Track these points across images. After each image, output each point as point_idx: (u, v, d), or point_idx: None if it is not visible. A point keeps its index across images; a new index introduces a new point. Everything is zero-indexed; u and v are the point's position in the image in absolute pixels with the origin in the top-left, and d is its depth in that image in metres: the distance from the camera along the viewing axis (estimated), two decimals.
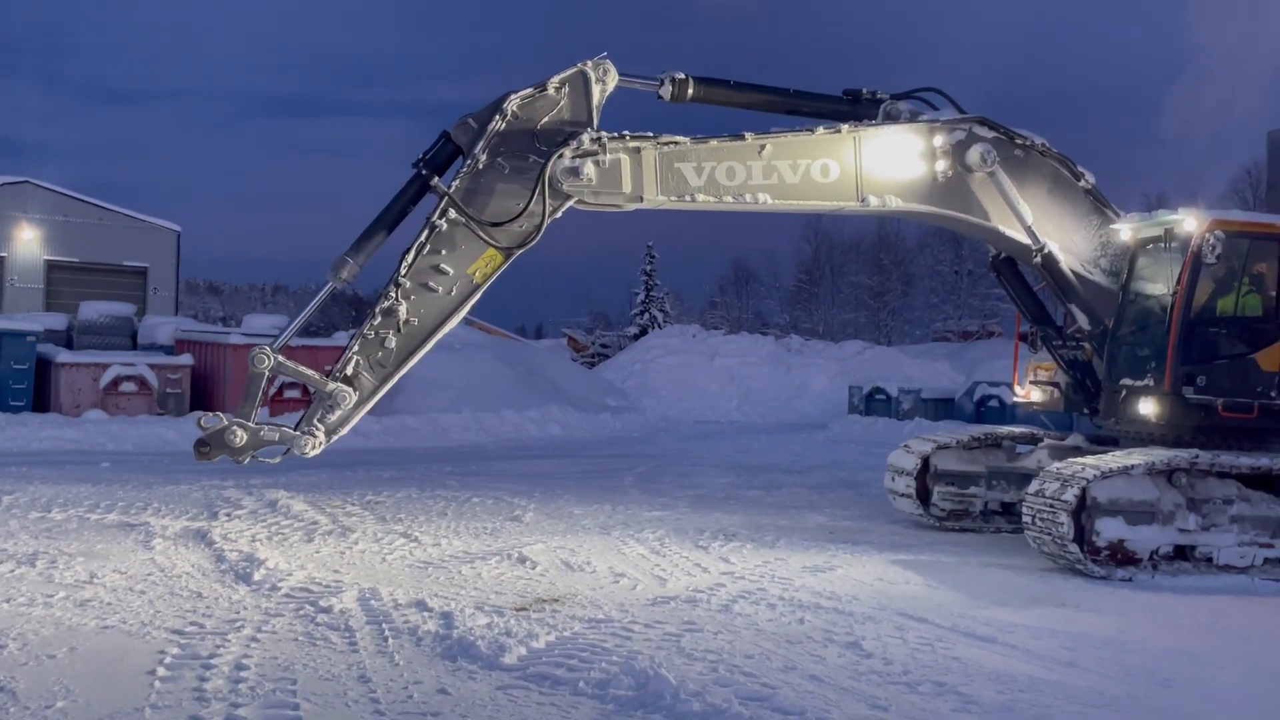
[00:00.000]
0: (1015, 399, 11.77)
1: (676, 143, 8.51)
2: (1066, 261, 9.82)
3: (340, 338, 33.53)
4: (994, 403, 23.27)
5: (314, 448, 7.84)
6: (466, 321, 38.80)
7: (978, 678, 5.74)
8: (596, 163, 8.21)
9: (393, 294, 7.88)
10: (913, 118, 9.60)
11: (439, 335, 8.07)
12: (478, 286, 8.06)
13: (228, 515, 10.31)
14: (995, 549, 10.09)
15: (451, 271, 8.00)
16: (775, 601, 7.34)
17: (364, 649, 5.97)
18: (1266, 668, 6.21)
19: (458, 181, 8.03)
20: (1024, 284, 10.77)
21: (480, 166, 8.04)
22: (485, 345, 26.75)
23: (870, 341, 40.24)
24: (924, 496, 11.23)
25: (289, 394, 20.41)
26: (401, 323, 7.90)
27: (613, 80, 8.43)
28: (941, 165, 9.27)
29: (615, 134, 8.37)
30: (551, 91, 8.17)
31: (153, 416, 18.66)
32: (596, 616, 6.79)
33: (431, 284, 7.99)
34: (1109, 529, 8.79)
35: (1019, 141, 9.64)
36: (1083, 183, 9.88)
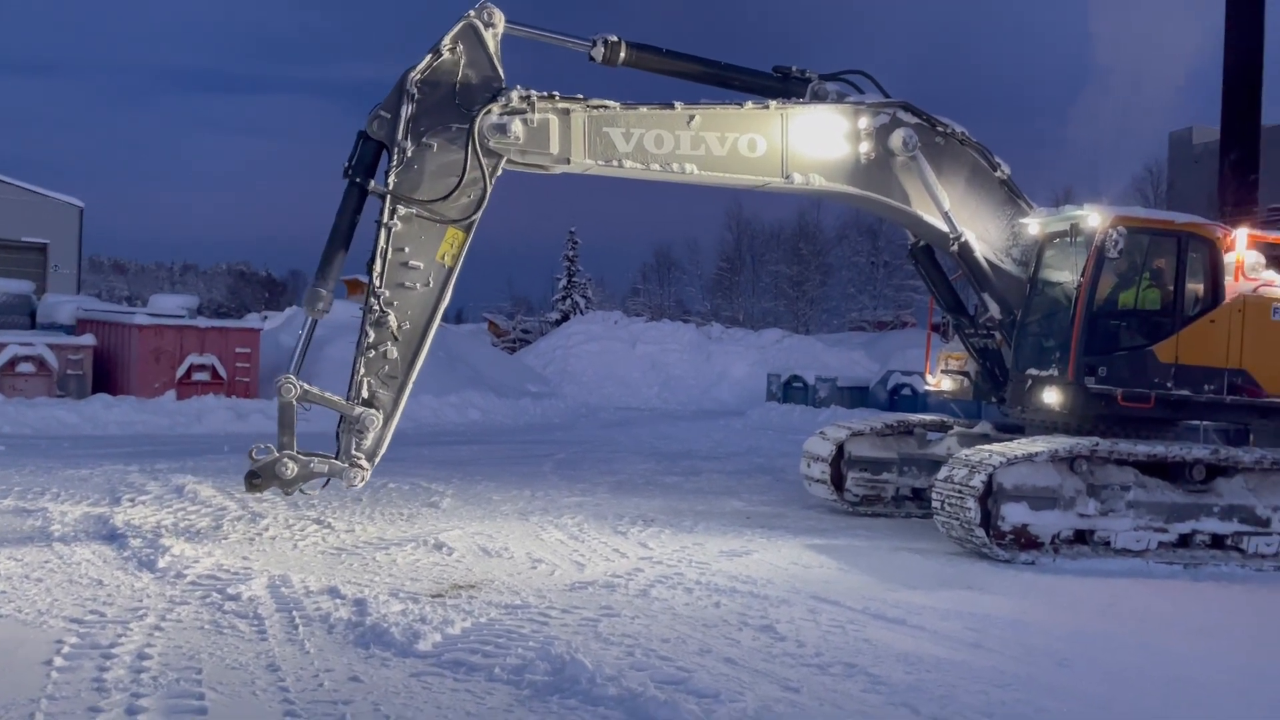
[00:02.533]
0: (927, 388, 12.05)
1: (606, 106, 8.57)
2: (981, 251, 10.07)
3: (253, 319, 32.76)
4: (907, 391, 23.80)
5: (361, 479, 8.12)
6: None
7: (887, 659, 5.87)
8: (525, 121, 8.24)
9: (376, 306, 7.95)
10: (839, 99, 9.76)
11: (434, 328, 8.20)
12: (451, 269, 8.16)
13: (131, 501, 9.98)
14: (906, 533, 10.33)
15: (422, 264, 8.06)
16: (692, 586, 7.39)
17: (273, 637, 5.84)
18: (1161, 648, 6.47)
19: (392, 176, 8.01)
20: (940, 272, 11.02)
21: (409, 154, 8.02)
22: None
23: (789, 330, 40.80)
24: (838, 482, 11.44)
25: (196, 377, 19.85)
26: (395, 331, 8.01)
27: (500, 21, 8.40)
28: (865, 147, 9.45)
29: (544, 93, 8.39)
30: (447, 54, 8.14)
31: (52, 399, 17.95)
32: (513, 602, 6.76)
33: (408, 283, 8.05)
34: (1013, 514, 9.07)
35: (940, 129, 9.86)
36: (999, 173, 10.14)
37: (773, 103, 9.18)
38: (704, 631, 6.26)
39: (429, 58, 8.13)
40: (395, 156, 8.01)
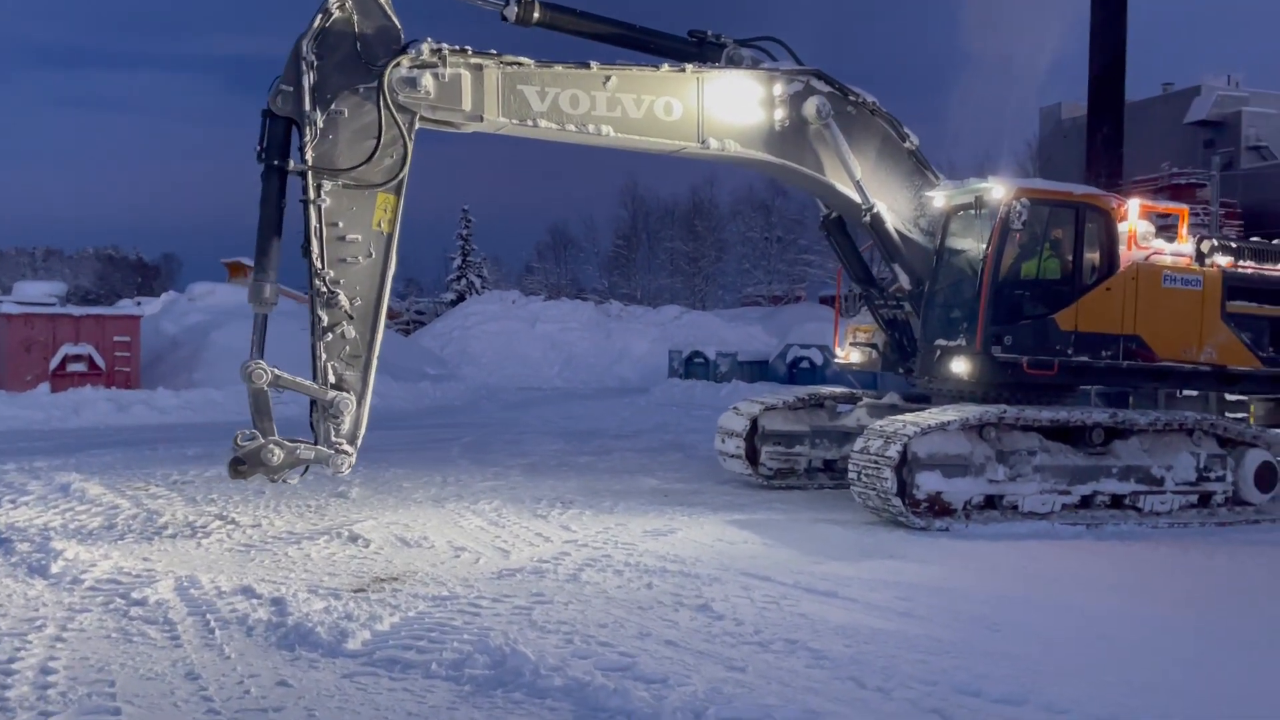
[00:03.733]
0: (836, 360, 12.19)
1: (520, 64, 8.38)
2: (892, 221, 10.19)
3: (125, 305, 31.15)
4: (806, 364, 24.20)
5: (348, 465, 7.89)
6: None
7: (825, 633, 5.88)
8: (436, 75, 8.03)
9: (323, 288, 7.66)
10: (754, 65, 9.73)
11: (386, 298, 7.98)
12: (390, 234, 7.94)
13: (12, 502, 9.33)
14: (821, 505, 10.44)
15: (360, 236, 7.81)
16: (621, 568, 7.29)
17: (188, 643, 5.49)
18: (1076, 608, 6.67)
19: (309, 150, 7.68)
20: (852, 244, 11.12)
21: (320, 124, 7.72)
22: (293, 313, 25.39)
23: (686, 306, 41.00)
24: (752, 457, 11.50)
25: (72, 368, 18.77)
26: (348, 309, 7.75)
27: None
28: (780, 114, 9.46)
29: (456, 47, 8.13)
30: (337, 11, 7.83)
31: None
32: (440, 594, 6.53)
33: (349, 257, 7.79)
34: (928, 482, 9.25)
35: (852, 98, 9.92)
36: (908, 144, 10.27)
37: (689, 66, 9.10)
38: (640, 614, 6.16)
39: (318, 18, 7.77)
40: (307, 130, 7.66)
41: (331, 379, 7.83)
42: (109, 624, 5.78)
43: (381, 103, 7.79)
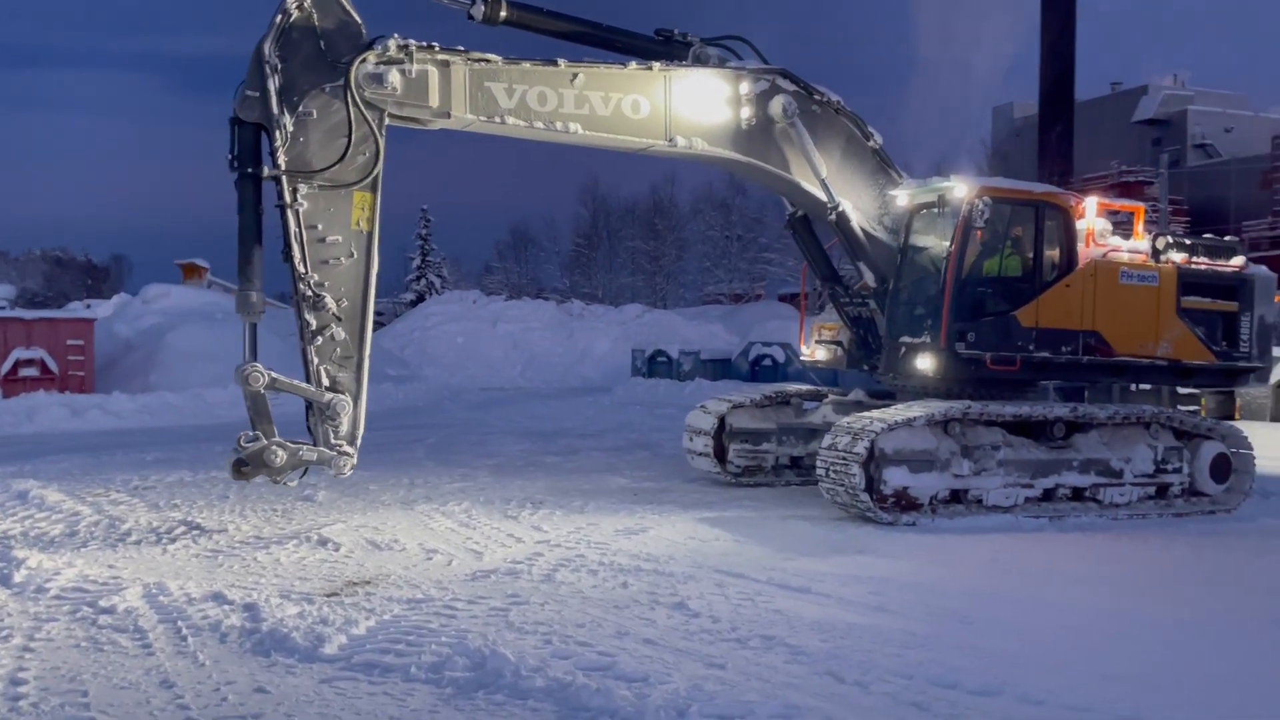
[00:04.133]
0: (802, 358, 12.28)
1: (488, 60, 8.37)
2: (857, 219, 10.29)
3: (75, 308, 30.52)
4: (768, 362, 24.36)
5: (350, 466, 7.92)
6: (226, 289, 36.27)
7: (801, 628, 5.93)
8: (403, 71, 8.01)
9: (308, 292, 7.64)
10: (721, 63, 9.78)
11: (372, 297, 7.98)
12: (370, 232, 7.93)
13: None
14: (789, 502, 10.52)
15: (340, 237, 7.79)
16: (596, 567, 7.29)
17: (160, 651, 5.41)
18: (1047, 600, 6.79)
19: (281, 155, 7.62)
20: (818, 242, 11.20)
21: (290, 127, 7.66)
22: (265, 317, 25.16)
23: (648, 305, 41.05)
24: (721, 455, 11.55)
25: (24, 372, 18.38)
26: (335, 311, 7.73)
27: None
28: (746, 113, 9.52)
29: (423, 44, 8.11)
30: (296, 11, 7.76)
31: None
32: (415, 596, 6.49)
33: (331, 259, 7.77)
34: (895, 478, 9.36)
35: (817, 97, 10.01)
36: (872, 142, 10.37)
37: (656, 64, 9.14)
38: (617, 613, 6.18)
39: (278, 19, 7.70)
40: (277, 135, 7.60)
41: (325, 382, 7.81)
42: (78, 633, 5.68)
43: (349, 99, 7.74)
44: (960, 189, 10.02)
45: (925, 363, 10.01)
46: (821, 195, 10.01)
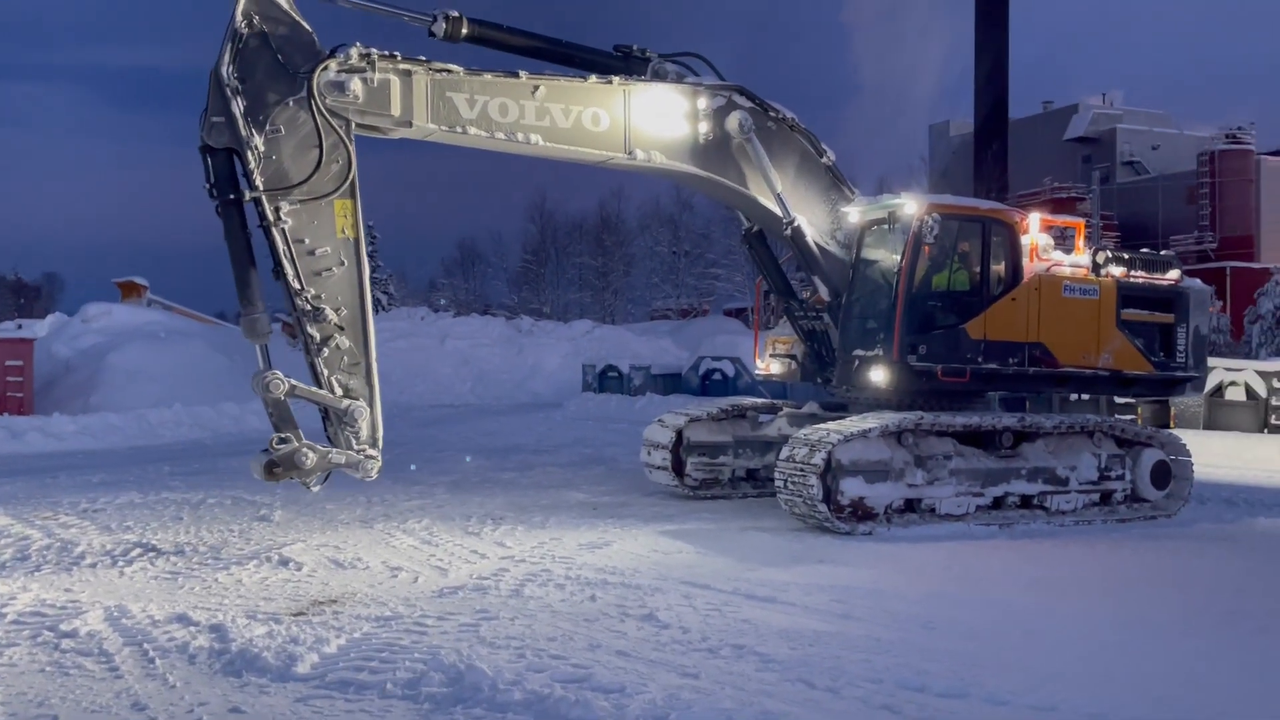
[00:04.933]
0: (757, 372, 12.45)
1: (450, 70, 8.48)
2: (811, 235, 10.50)
3: (7, 327, 29.61)
4: (718, 376, 24.54)
5: (376, 469, 8.07)
6: (166, 308, 35.49)
7: (770, 637, 6.04)
8: (364, 80, 8.07)
9: (307, 307, 7.73)
10: (679, 79, 9.95)
11: (369, 301, 8.14)
12: (357, 239, 8.05)
13: None
14: (747, 513, 10.65)
15: (329, 248, 7.88)
16: (563, 581, 7.34)
17: (129, 674, 5.34)
18: (1004, 604, 6.99)
19: (257, 176, 7.65)
20: (773, 257, 11.39)
21: (262, 148, 7.68)
22: (196, 333, 24.75)
23: (597, 320, 41.10)
24: (678, 468, 11.65)
25: None
26: (336, 321, 7.83)
27: None
28: (704, 127, 9.72)
29: (386, 53, 8.21)
30: (245, 30, 7.75)
31: None
32: (383, 614, 6.48)
33: (323, 271, 7.87)
34: (851, 488, 9.54)
35: (772, 114, 10.22)
36: (825, 159, 10.61)
37: (616, 79, 9.31)
38: (588, 626, 6.23)
39: (229, 45, 7.68)
40: (250, 157, 7.61)
41: (339, 390, 7.91)
42: (41, 658, 5.58)
43: (313, 108, 7.78)
44: (910, 206, 10.28)
45: (878, 375, 10.22)
46: (777, 210, 10.20)
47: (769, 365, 12.09)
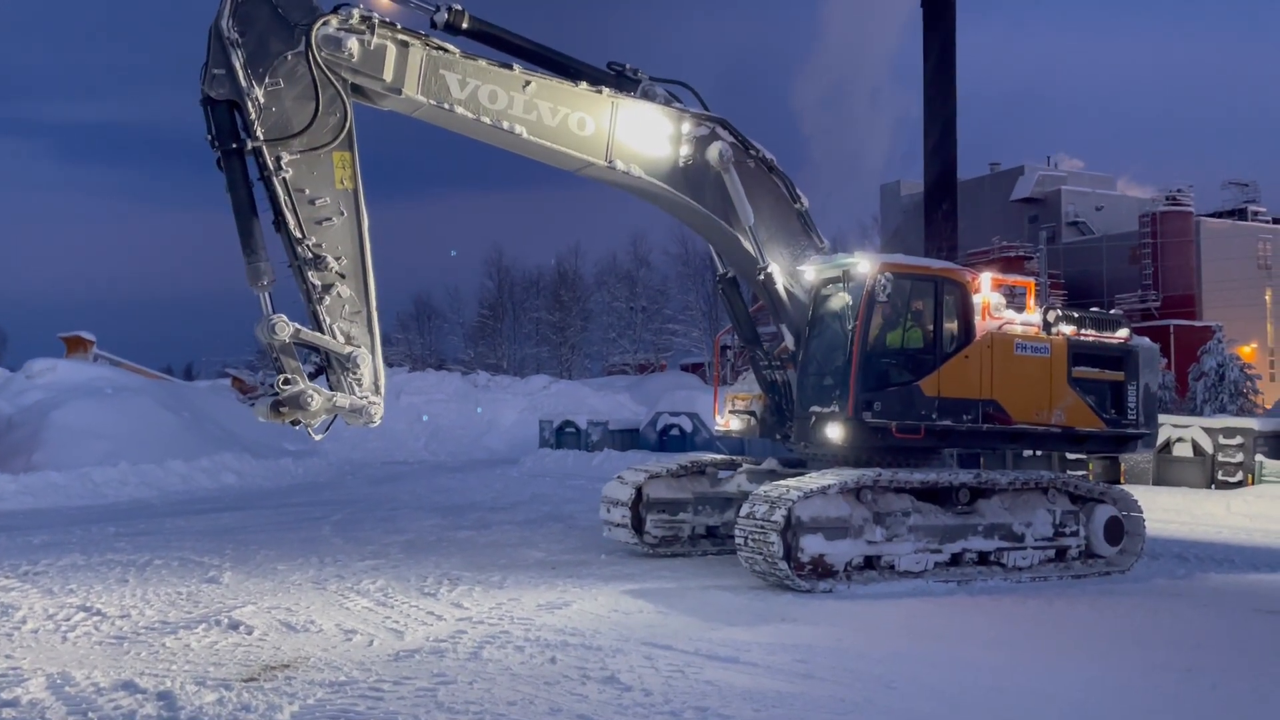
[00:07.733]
0: (717, 429, 12.46)
1: (446, 49, 8.72)
2: (782, 280, 10.64)
3: None
4: (675, 431, 24.52)
5: (379, 414, 8.24)
6: (114, 363, 34.80)
7: (733, 699, 5.97)
8: (361, 41, 8.29)
9: (308, 254, 7.88)
10: (666, 102, 10.15)
11: (369, 251, 8.20)
12: (355, 189, 8.19)
13: None
14: (707, 571, 10.58)
15: (328, 197, 8.02)
16: (522, 644, 7.21)
17: None
18: (966, 662, 6.98)
19: (258, 127, 7.83)
20: (744, 305, 11.47)
21: (262, 99, 7.86)
22: (142, 389, 24.23)
23: (554, 375, 41.01)
24: (638, 525, 11.57)
25: None
26: (336, 267, 7.97)
27: None
28: (685, 151, 9.97)
29: (387, 20, 8.42)
30: None
31: None
32: (338, 679, 6.31)
33: (323, 220, 8.02)
34: (811, 545, 9.53)
35: (753, 152, 10.44)
36: (799, 205, 10.79)
37: (606, 90, 9.54)
38: (548, 690, 6.11)
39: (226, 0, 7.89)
40: (250, 108, 7.81)
41: (340, 338, 7.98)
42: None
43: (311, 59, 7.99)
44: (864, 265, 10.43)
45: (835, 432, 10.28)
46: (752, 249, 10.37)
47: (728, 422, 12.11)
